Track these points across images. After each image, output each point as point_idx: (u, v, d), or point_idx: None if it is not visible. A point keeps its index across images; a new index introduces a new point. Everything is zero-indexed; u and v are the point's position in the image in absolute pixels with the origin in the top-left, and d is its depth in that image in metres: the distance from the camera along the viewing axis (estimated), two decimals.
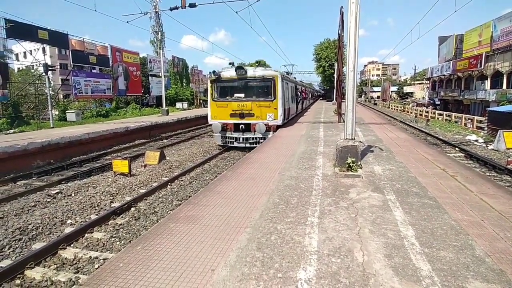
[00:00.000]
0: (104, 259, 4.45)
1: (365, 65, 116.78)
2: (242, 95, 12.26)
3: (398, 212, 3.80)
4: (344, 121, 6.30)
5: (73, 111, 20.86)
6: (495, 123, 15.77)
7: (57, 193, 7.49)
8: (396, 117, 29.68)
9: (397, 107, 42.93)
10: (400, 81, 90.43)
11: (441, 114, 26.89)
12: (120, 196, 7.31)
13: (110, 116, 24.03)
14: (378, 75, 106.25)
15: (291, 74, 23.57)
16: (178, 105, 35.49)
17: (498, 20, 26.45)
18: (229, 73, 12.31)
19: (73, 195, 7.45)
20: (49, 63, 19.57)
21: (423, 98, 51.81)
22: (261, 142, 11.00)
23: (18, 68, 33.49)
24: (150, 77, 33.38)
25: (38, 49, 22.46)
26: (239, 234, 3.32)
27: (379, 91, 75.61)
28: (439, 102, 40.52)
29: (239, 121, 12.06)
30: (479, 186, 4.80)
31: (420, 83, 65.81)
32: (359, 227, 3.42)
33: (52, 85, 23.70)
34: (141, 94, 33.05)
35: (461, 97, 33.18)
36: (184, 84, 41.36)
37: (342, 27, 13.06)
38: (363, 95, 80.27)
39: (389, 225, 3.45)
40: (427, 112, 29.54)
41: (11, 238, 5.15)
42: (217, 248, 3.03)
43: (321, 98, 55.81)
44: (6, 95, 18.63)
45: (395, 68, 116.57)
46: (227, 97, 12.43)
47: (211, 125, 12.73)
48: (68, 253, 4.73)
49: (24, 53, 35.75)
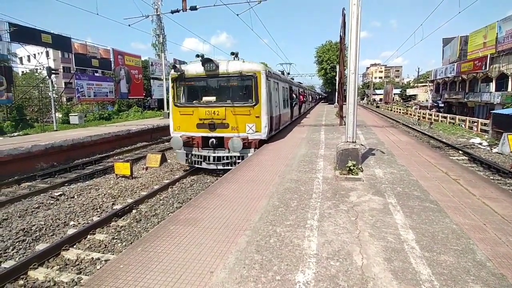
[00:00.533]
0: (106, 260, 4.50)
1: (368, 67, 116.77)
2: (213, 98, 9.13)
3: (399, 216, 3.78)
4: (345, 124, 6.29)
5: (76, 114, 21.01)
6: (499, 126, 15.64)
7: (60, 195, 7.57)
8: (399, 120, 29.57)
9: (400, 109, 42.79)
10: (403, 84, 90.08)
11: (444, 117, 26.74)
12: (122, 198, 7.36)
13: (112, 119, 24.17)
14: (380, 78, 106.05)
15: (289, 74, 22.41)
16: None
17: (503, 21, 26.22)
18: (194, 68, 9.15)
19: (76, 197, 7.51)
20: (53, 66, 19.67)
21: (427, 100, 51.55)
22: (239, 162, 8.10)
23: (22, 72, 33.87)
24: (152, 80, 33.51)
25: (41, 53, 22.73)
26: (239, 237, 3.32)
27: (382, 94, 75.47)
28: (442, 105, 40.25)
29: (209, 134, 9.01)
30: (482, 190, 4.75)
31: (423, 86, 65.52)
32: (358, 230, 3.41)
33: (55, 88, 23.96)
34: (143, 97, 33.26)
35: (465, 100, 32.93)
36: None
37: (344, 29, 13.08)
38: (365, 98, 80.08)
39: (389, 229, 3.43)
40: (430, 115, 29.40)
41: (15, 239, 5.21)
42: (216, 251, 3.04)
43: (322, 101, 55.78)
44: (11, 98, 18.84)
45: (398, 70, 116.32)
46: (193, 102, 9.35)
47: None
48: (71, 254, 4.79)
49: (28, 56, 36.30)
